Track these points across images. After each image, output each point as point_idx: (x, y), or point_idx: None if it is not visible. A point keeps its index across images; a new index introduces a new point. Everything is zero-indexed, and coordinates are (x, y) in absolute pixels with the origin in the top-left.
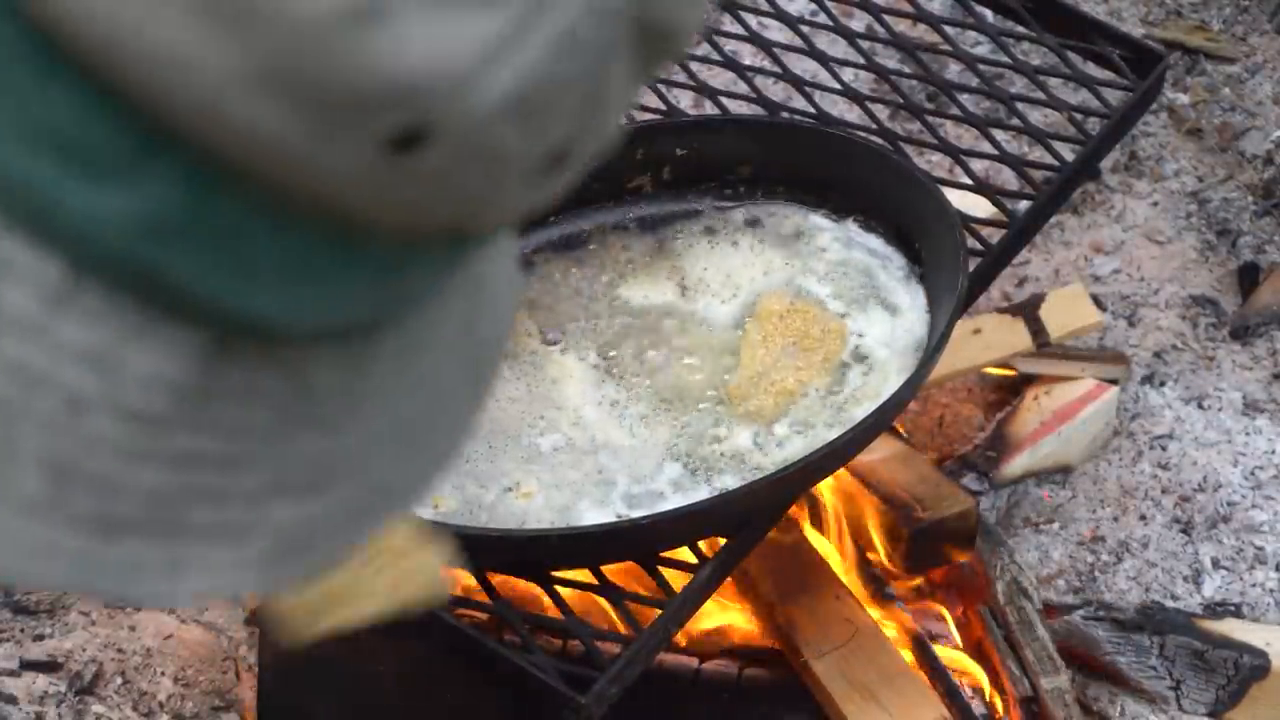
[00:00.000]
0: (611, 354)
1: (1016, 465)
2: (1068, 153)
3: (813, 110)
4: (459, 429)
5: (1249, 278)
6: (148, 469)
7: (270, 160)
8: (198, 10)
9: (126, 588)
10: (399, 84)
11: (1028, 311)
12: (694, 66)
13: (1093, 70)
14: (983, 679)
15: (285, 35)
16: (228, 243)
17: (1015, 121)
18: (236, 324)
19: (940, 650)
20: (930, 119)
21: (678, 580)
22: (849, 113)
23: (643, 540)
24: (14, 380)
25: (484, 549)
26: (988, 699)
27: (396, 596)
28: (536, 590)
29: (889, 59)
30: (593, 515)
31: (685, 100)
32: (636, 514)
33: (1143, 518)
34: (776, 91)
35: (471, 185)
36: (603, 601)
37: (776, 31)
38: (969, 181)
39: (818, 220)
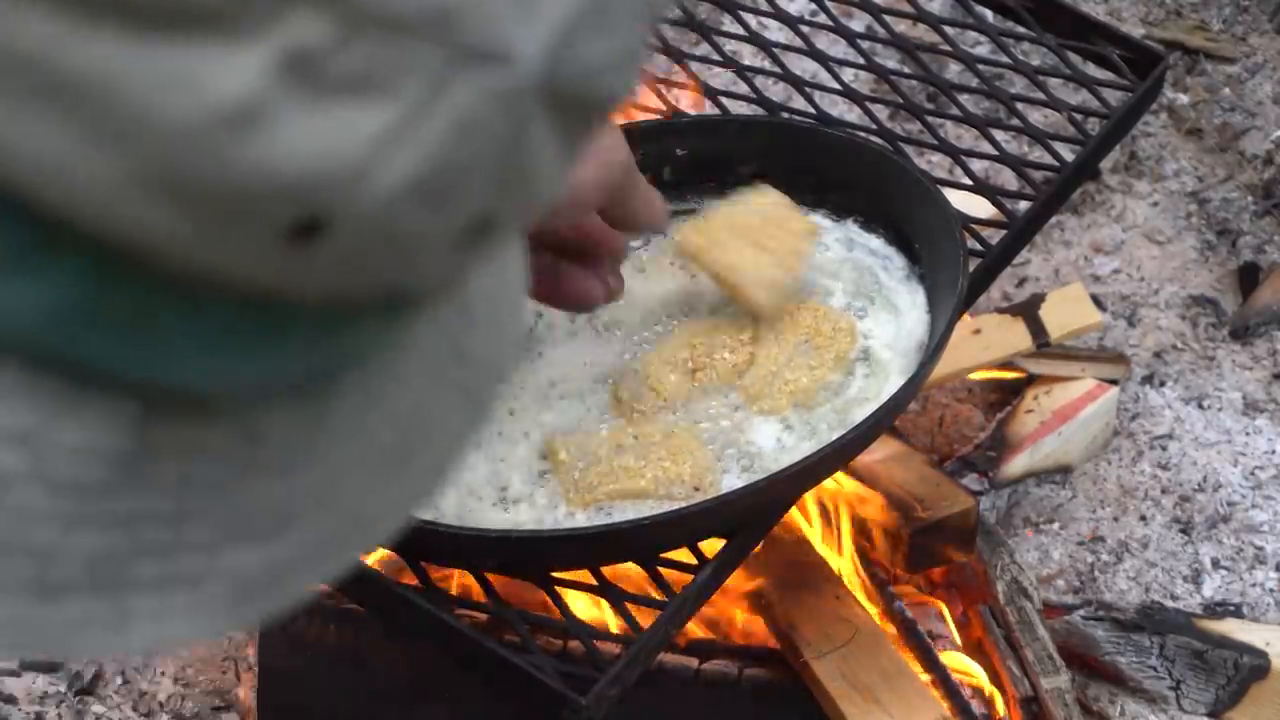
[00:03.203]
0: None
1: (1016, 465)
2: (1068, 153)
3: (813, 110)
4: (450, 451)
5: (1249, 278)
6: (86, 533)
7: (168, 255)
8: (71, 122)
9: (72, 645)
10: (284, 182)
11: (1028, 311)
12: (694, 66)
13: (1093, 70)
14: (983, 679)
15: (163, 143)
16: (138, 322)
17: (1015, 122)
18: (166, 394)
19: (940, 650)
20: (930, 119)
21: (678, 580)
22: (849, 113)
23: (643, 540)
24: None
25: (483, 549)
26: (988, 699)
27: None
28: (537, 590)
29: (889, 59)
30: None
31: (685, 100)
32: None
33: (1143, 518)
34: (776, 91)
35: (385, 263)
36: (603, 602)
37: (776, 31)
38: (969, 182)
39: (818, 220)
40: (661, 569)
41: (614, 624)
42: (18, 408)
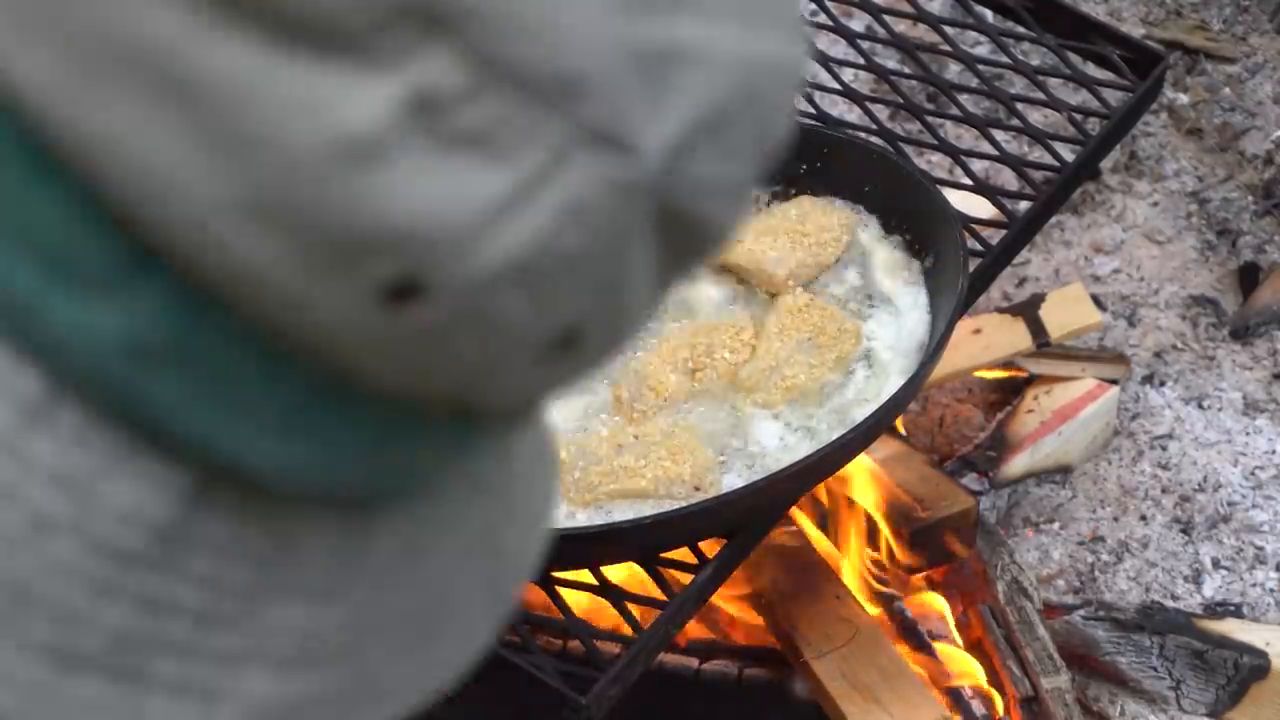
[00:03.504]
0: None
1: (1016, 465)
2: (1068, 153)
3: (813, 110)
4: (469, 640)
5: (1249, 278)
6: (113, 606)
7: (258, 293)
8: (191, 129)
9: None
10: (392, 232)
11: (1028, 311)
12: None
13: (1093, 71)
14: (983, 679)
15: (279, 166)
16: (214, 375)
17: (1015, 122)
18: (221, 466)
19: (940, 650)
20: (930, 119)
21: (678, 580)
22: (849, 113)
23: (643, 540)
24: None
25: None
26: (988, 699)
27: None
28: (537, 590)
29: (889, 59)
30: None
31: None
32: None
33: (1143, 518)
34: None
35: (471, 352)
36: (603, 601)
37: None
38: (969, 181)
39: (859, 214)
40: (661, 569)
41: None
42: (72, 451)
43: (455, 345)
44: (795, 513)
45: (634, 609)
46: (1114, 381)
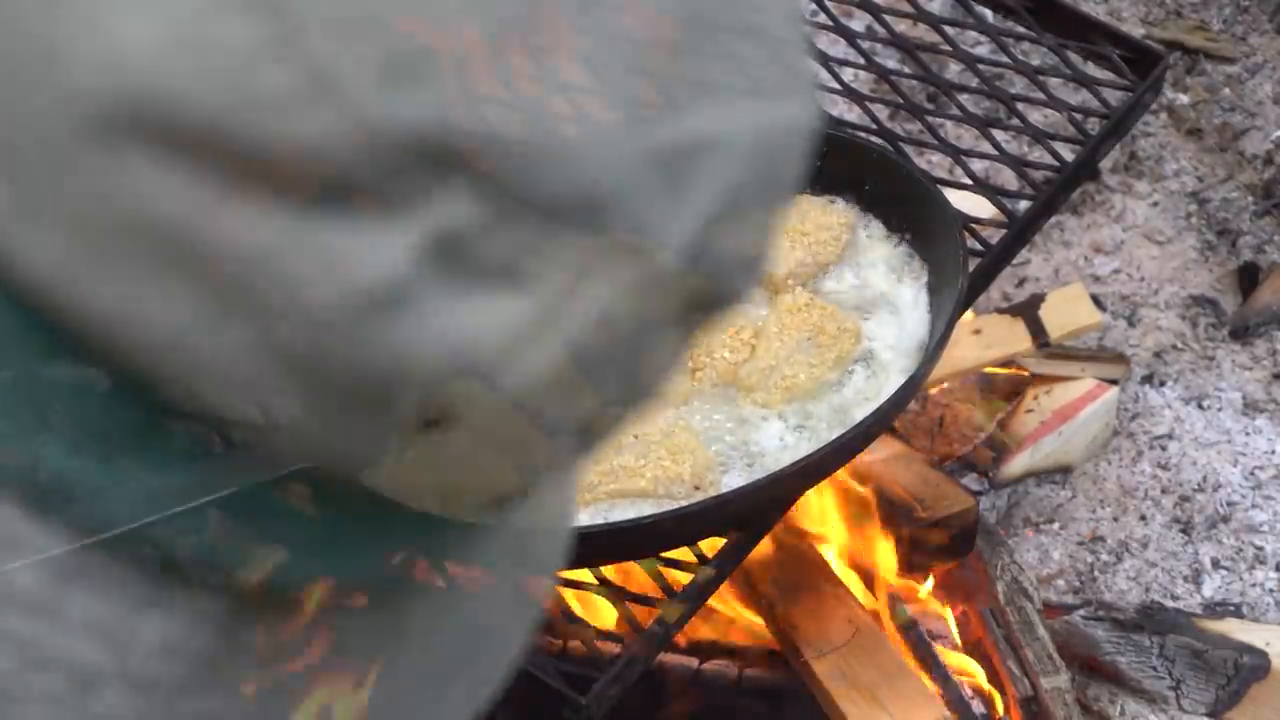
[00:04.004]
0: None
1: (1016, 465)
2: (1067, 153)
3: None
4: (503, 660)
5: (1249, 278)
6: None
7: (287, 445)
8: (207, 300)
9: None
10: (420, 373)
11: (1028, 312)
12: None
13: (1093, 70)
14: (983, 679)
15: (301, 327)
16: (245, 515)
17: (1015, 121)
18: (259, 589)
19: (940, 650)
20: (930, 119)
21: (678, 580)
22: (849, 113)
23: (643, 540)
24: (16, 658)
25: None
26: (988, 699)
27: None
28: None
29: (889, 59)
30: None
31: None
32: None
33: (1143, 518)
34: None
35: (500, 459)
36: (603, 601)
37: None
38: (969, 181)
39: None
40: (662, 568)
41: (613, 623)
42: (108, 598)
43: (484, 458)
44: (796, 512)
45: (634, 609)
46: (1114, 381)
